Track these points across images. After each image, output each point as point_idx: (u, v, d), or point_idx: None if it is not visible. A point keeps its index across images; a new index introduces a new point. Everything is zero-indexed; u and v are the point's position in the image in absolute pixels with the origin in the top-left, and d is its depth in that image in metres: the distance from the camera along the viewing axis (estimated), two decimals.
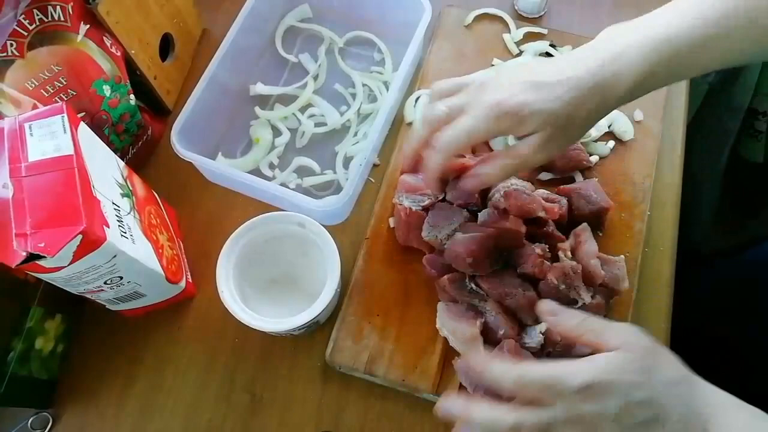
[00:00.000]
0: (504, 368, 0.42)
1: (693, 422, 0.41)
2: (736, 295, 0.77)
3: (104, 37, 0.58)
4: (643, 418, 0.40)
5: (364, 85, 0.70)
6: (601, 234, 0.60)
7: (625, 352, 0.41)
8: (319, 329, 0.59)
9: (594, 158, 0.63)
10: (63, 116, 0.46)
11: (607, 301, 0.55)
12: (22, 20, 0.51)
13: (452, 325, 0.55)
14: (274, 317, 0.53)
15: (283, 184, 0.65)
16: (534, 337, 0.53)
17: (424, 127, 0.51)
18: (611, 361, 0.41)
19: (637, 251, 0.59)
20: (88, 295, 0.51)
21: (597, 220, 0.59)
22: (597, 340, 0.43)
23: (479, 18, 0.72)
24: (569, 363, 0.41)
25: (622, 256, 0.57)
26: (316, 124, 0.68)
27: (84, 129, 0.49)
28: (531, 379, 0.41)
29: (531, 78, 0.46)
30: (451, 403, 0.43)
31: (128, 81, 0.61)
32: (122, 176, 0.53)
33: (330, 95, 0.70)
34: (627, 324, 0.45)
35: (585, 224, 0.57)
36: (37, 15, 0.52)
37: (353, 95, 0.70)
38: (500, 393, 0.43)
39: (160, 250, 0.55)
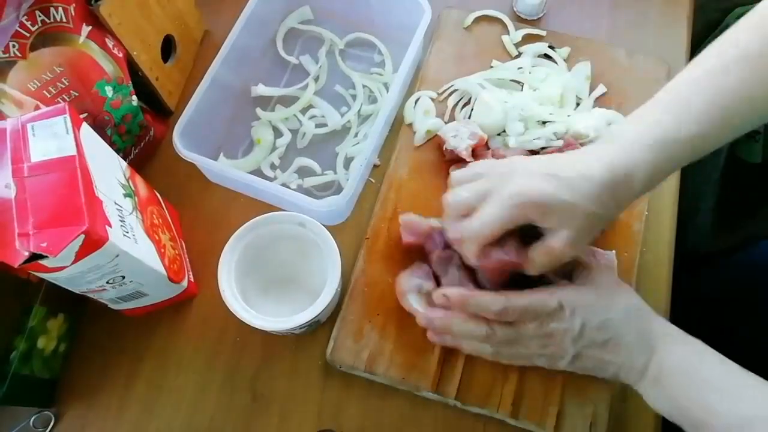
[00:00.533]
0: (488, 299, 0.50)
1: (642, 346, 0.48)
2: (735, 296, 0.78)
3: (106, 39, 0.58)
4: (600, 339, 0.49)
5: (364, 86, 0.70)
6: (599, 234, 0.60)
7: (591, 283, 0.51)
8: (319, 328, 0.59)
9: None
10: (65, 117, 0.47)
11: None
12: (25, 21, 0.51)
13: (417, 281, 0.56)
14: (275, 316, 0.53)
15: (284, 185, 0.65)
16: None
17: (449, 213, 0.51)
18: (580, 290, 0.50)
19: (635, 251, 0.60)
20: (90, 295, 0.51)
21: None
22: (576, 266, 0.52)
23: (478, 20, 0.72)
24: (543, 289, 0.50)
25: (614, 251, 0.57)
26: (317, 125, 0.69)
27: (86, 129, 0.49)
28: (514, 305, 0.49)
29: (550, 170, 0.47)
30: (433, 314, 0.52)
31: (130, 82, 0.61)
32: (124, 176, 0.54)
33: (330, 96, 0.70)
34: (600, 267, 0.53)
35: None
36: (40, 16, 0.52)
37: (353, 96, 0.70)
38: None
39: (162, 250, 0.55)
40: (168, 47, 0.68)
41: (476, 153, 0.63)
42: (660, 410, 0.48)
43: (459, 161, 0.63)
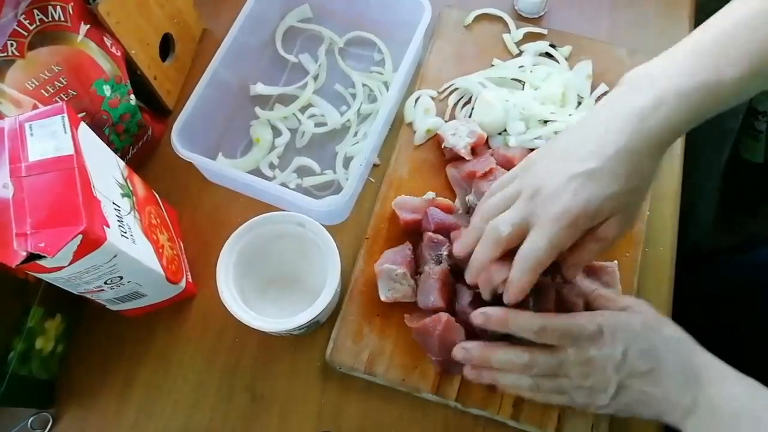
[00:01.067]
0: (528, 319, 0.48)
1: (687, 380, 0.45)
2: (736, 294, 0.77)
3: (104, 37, 0.58)
4: (643, 368, 0.45)
5: (364, 85, 0.70)
6: None
7: (631, 311, 0.48)
8: (319, 329, 0.59)
9: None
10: (63, 116, 0.46)
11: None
12: (23, 20, 0.51)
13: (388, 267, 0.56)
14: (274, 317, 0.53)
15: (283, 184, 0.65)
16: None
17: (491, 246, 0.48)
18: (620, 315, 0.48)
19: (636, 251, 0.59)
20: (88, 295, 0.51)
21: None
22: (607, 303, 0.50)
23: (479, 18, 0.72)
24: (581, 314, 0.48)
25: (615, 261, 0.56)
26: (316, 124, 0.68)
27: (84, 129, 0.49)
28: (553, 327, 0.47)
29: (579, 168, 0.44)
30: (470, 345, 0.50)
31: (128, 81, 0.61)
32: (122, 176, 0.54)
33: (330, 95, 0.70)
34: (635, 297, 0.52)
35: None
36: (38, 15, 0.52)
37: (353, 95, 0.70)
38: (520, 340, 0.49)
39: (161, 250, 0.55)
40: (166, 46, 0.68)
41: (476, 151, 0.63)
42: None
43: (458, 159, 0.63)
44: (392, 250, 0.58)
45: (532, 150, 0.62)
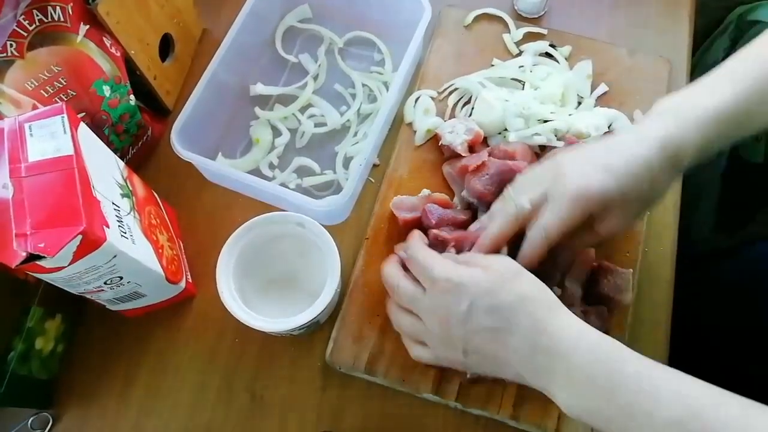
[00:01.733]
0: (410, 244, 0.53)
1: (540, 343, 0.44)
2: (736, 294, 0.77)
3: (104, 38, 0.58)
4: (489, 324, 0.45)
5: (364, 85, 0.70)
6: None
7: (485, 269, 0.47)
8: (319, 329, 0.59)
9: None
10: (63, 116, 0.46)
11: (610, 309, 0.55)
12: (22, 21, 0.51)
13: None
14: (274, 317, 0.53)
15: (283, 184, 0.65)
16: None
17: (508, 220, 0.51)
18: (471, 272, 0.47)
19: (636, 251, 0.59)
20: (88, 296, 0.51)
21: None
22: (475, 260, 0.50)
23: (479, 18, 0.72)
24: (444, 261, 0.49)
25: (631, 270, 0.56)
26: (316, 125, 0.68)
27: (84, 129, 0.49)
28: (415, 257, 0.51)
29: (602, 161, 0.48)
30: (387, 266, 0.54)
31: (128, 81, 0.61)
32: (122, 176, 0.53)
33: (330, 95, 0.70)
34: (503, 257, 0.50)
35: None
36: (37, 15, 0.52)
37: (353, 95, 0.70)
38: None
39: (160, 251, 0.55)
40: (166, 46, 0.68)
41: (473, 149, 0.63)
42: (577, 417, 0.44)
43: (455, 157, 0.63)
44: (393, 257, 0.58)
45: (531, 146, 0.63)
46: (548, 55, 0.69)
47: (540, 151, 0.63)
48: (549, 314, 0.45)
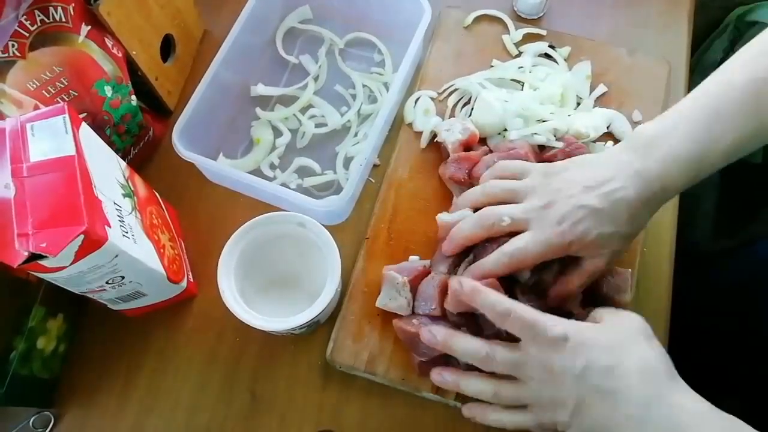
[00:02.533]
0: (498, 298, 0.48)
1: (658, 415, 0.41)
2: (735, 295, 0.77)
3: (105, 38, 0.58)
4: (605, 386, 0.43)
5: (364, 86, 0.70)
6: None
7: (605, 325, 0.46)
8: (319, 329, 0.59)
9: None
10: (65, 117, 0.47)
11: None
12: (24, 21, 0.51)
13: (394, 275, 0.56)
14: (275, 317, 0.53)
15: (283, 185, 0.65)
16: (525, 275, 0.53)
17: (483, 228, 0.52)
18: (590, 327, 0.46)
19: (635, 252, 0.60)
20: (89, 295, 0.51)
21: None
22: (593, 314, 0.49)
23: (478, 19, 0.72)
24: (553, 317, 0.46)
25: (630, 270, 0.56)
26: (317, 125, 0.69)
27: (85, 129, 0.49)
28: (518, 314, 0.46)
29: (587, 201, 0.49)
30: (436, 330, 0.51)
31: (129, 82, 0.61)
32: (124, 176, 0.54)
33: (330, 96, 0.70)
34: (630, 311, 0.49)
35: None
36: (39, 16, 0.52)
37: (353, 96, 0.70)
38: (483, 318, 0.49)
39: (162, 250, 0.55)
40: (167, 47, 0.68)
41: (470, 149, 0.63)
42: None
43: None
44: (406, 263, 0.58)
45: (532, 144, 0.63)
46: (547, 56, 0.69)
47: (539, 151, 0.63)
48: (669, 384, 0.43)
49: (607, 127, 0.65)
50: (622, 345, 0.44)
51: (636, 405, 0.42)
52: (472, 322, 0.53)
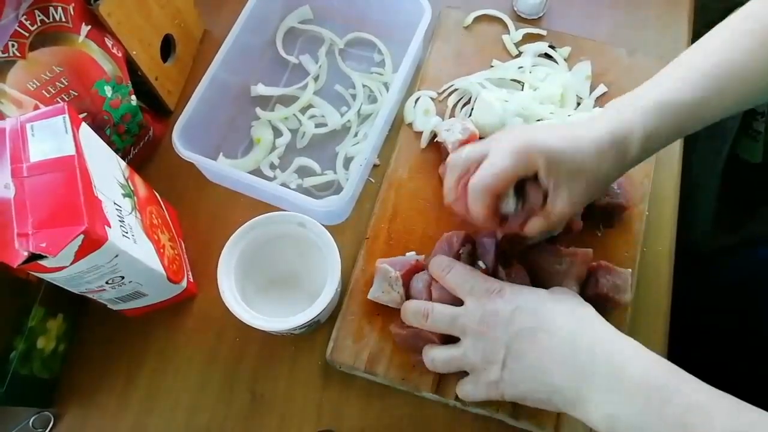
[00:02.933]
0: (443, 258, 0.54)
1: (579, 337, 0.45)
2: (735, 295, 0.77)
3: (105, 38, 0.58)
4: (531, 325, 0.47)
5: (364, 86, 0.70)
6: (600, 234, 0.60)
7: (546, 291, 0.50)
8: (319, 328, 0.59)
9: None
10: (64, 117, 0.47)
11: (608, 309, 0.55)
12: (24, 21, 0.51)
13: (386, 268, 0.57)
14: (275, 316, 0.53)
15: (283, 185, 0.65)
16: (510, 205, 0.52)
17: (451, 172, 0.52)
18: (528, 286, 0.51)
19: (635, 251, 0.60)
20: (89, 295, 0.51)
21: (609, 215, 0.59)
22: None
23: (478, 19, 0.72)
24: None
25: (629, 270, 0.56)
26: (317, 125, 0.69)
27: (85, 129, 0.49)
28: (458, 269, 0.52)
29: (552, 129, 0.50)
30: (407, 302, 0.55)
31: (129, 82, 0.61)
32: (124, 176, 0.54)
33: (330, 96, 0.70)
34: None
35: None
36: (39, 16, 0.52)
37: (353, 96, 0.70)
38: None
39: (162, 250, 0.55)
40: (167, 47, 0.68)
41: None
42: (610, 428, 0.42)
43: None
44: (400, 257, 0.59)
45: None
46: (547, 56, 0.70)
47: None
48: (596, 321, 0.46)
49: None
50: (553, 294, 0.49)
51: (562, 338, 0.45)
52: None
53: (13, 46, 0.51)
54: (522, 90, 0.67)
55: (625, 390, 0.42)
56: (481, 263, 0.55)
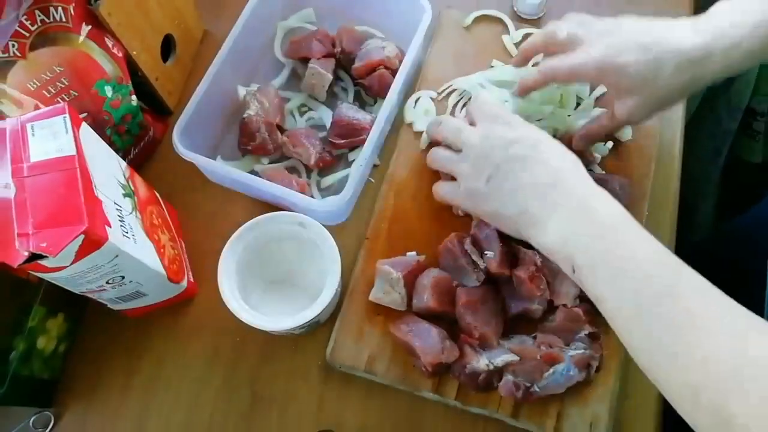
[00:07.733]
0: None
1: (561, 175, 0.49)
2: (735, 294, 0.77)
3: (106, 38, 0.58)
4: (525, 155, 0.50)
5: None
6: None
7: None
8: (319, 328, 0.59)
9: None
10: (65, 117, 0.47)
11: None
12: (24, 21, 0.51)
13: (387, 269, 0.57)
14: (275, 316, 0.53)
15: None
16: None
17: (546, 36, 0.57)
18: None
19: None
20: (89, 295, 0.51)
21: None
22: None
23: (478, 19, 0.72)
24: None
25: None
26: (317, 125, 0.68)
27: (86, 129, 0.49)
28: (479, 100, 0.56)
29: (644, 41, 0.51)
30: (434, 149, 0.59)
31: (130, 82, 0.61)
32: (124, 176, 0.54)
33: (330, 96, 0.70)
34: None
35: None
36: (39, 16, 0.52)
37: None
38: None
39: (162, 250, 0.55)
40: (168, 47, 0.68)
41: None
42: (555, 248, 0.48)
43: None
44: (401, 258, 0.59)
45: None
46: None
47: None
48: (582, 175, 0.49)
49: None
50: (552, 139, 0.52)
51: (548, 172, 0.49)
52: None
53: (13, 46, 0.51)
54: None
55: (589, 222, 0.46)
56: (488, 253, 0.55)
